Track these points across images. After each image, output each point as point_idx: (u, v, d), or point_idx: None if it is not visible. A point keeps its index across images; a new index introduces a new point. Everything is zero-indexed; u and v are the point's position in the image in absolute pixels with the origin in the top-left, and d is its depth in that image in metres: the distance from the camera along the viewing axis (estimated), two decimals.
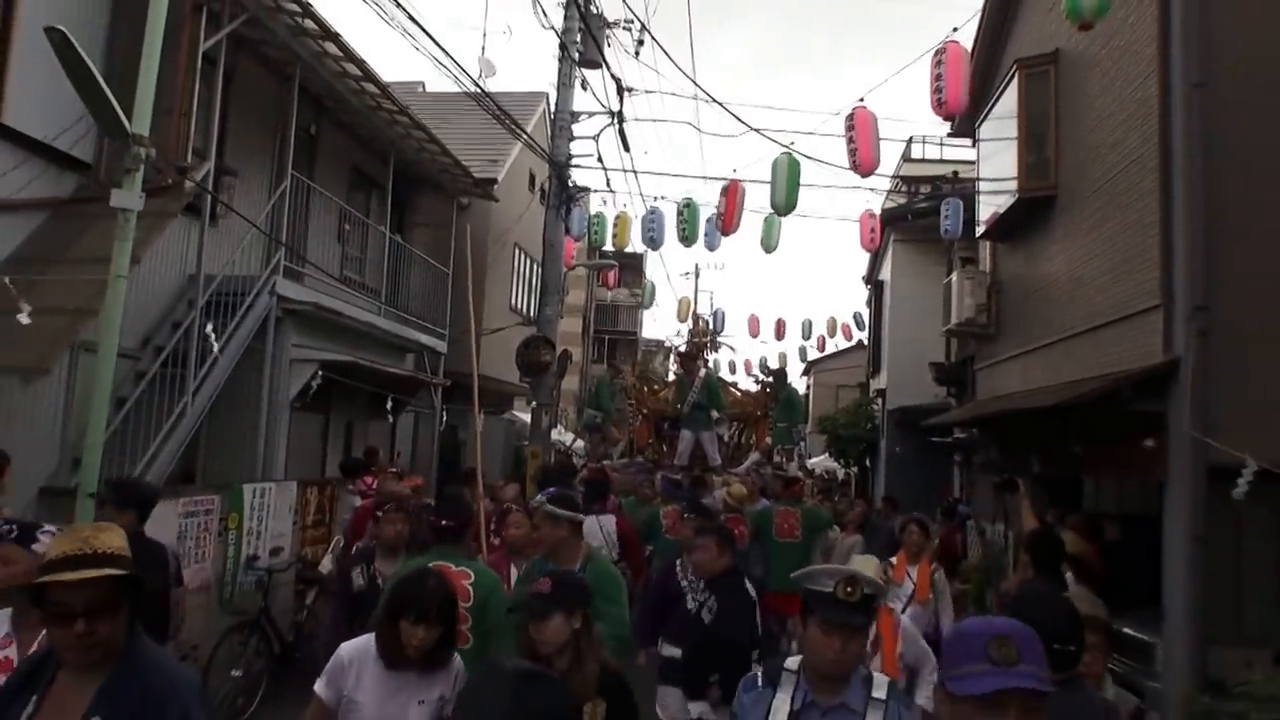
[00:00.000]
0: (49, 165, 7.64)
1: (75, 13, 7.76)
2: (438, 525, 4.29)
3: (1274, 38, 6.21)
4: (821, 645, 2.54)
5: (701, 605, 4.77)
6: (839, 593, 2.54)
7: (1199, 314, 6.01)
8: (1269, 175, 6.08)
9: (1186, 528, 5.85)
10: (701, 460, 12.36)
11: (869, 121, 8.19)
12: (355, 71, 10.36)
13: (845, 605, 2.52)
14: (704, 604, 4.76)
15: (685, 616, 4.89)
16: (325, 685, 3.06)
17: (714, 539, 4.86)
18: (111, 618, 2.18)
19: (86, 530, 2.28)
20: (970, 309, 10.72)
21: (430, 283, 14.05)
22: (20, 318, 5.96)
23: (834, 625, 2.52)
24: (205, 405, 8.28)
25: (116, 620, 2.20)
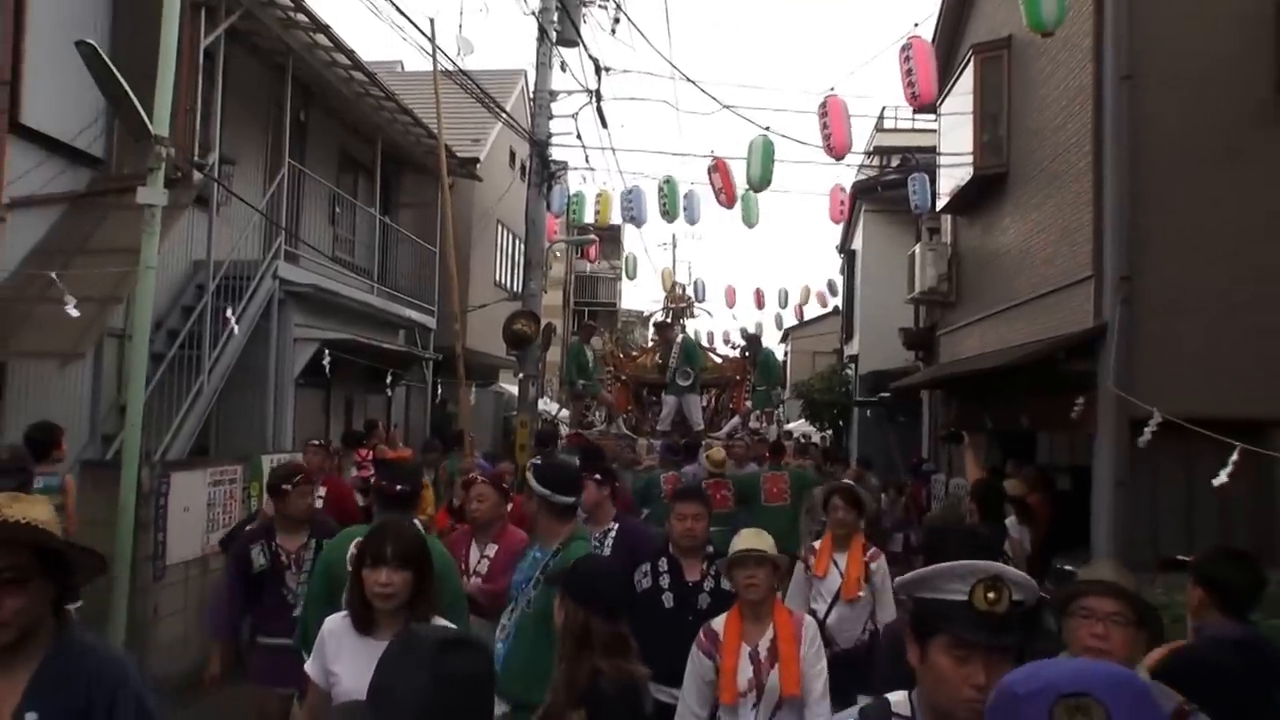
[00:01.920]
0: (63, 161, 8.14)
1: (79, 14, 8.25)
2: (390, 491, 3.96)
3: (1195, 35, 6.86)
4: (954, 679, 1.77)
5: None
6: (979, 601, 1.79)
7: (1124, 283, 6.71)
8: (1188, 159, 6.76)
9: (1110, 472, 6.60)
10: (684, 425, 12.58)
11: (841, 108, 8.79)
12: (344, 61, 10.86)
13: (990, 620, 1.77)
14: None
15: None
16: (312, 663, 2.92)
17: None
18: (22, 594, 1.93)
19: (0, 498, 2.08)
20: (932, 279, 11.43)
21: (417, 261, 14.61)
22: (68, 309, 6.50)
23: (974, 650, 1.76)
24: (220, 384, 8.87)
25: (30, 598, 1.95)
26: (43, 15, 7.71)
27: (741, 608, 3.45)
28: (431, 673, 1.54)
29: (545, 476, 3.86)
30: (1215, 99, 6.78)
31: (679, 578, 4.04)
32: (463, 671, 1.58)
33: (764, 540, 3.48)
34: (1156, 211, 6.75)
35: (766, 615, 3.43)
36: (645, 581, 4.05)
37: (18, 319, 7.25)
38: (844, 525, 4.94)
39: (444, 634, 1.72)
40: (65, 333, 7.13)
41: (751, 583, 3.40)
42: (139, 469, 6.52)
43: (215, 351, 8.81)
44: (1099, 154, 7.02)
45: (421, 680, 1.54)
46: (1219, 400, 6.37)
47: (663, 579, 4.05)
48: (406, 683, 1.56)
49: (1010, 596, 1.81)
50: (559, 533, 3.77)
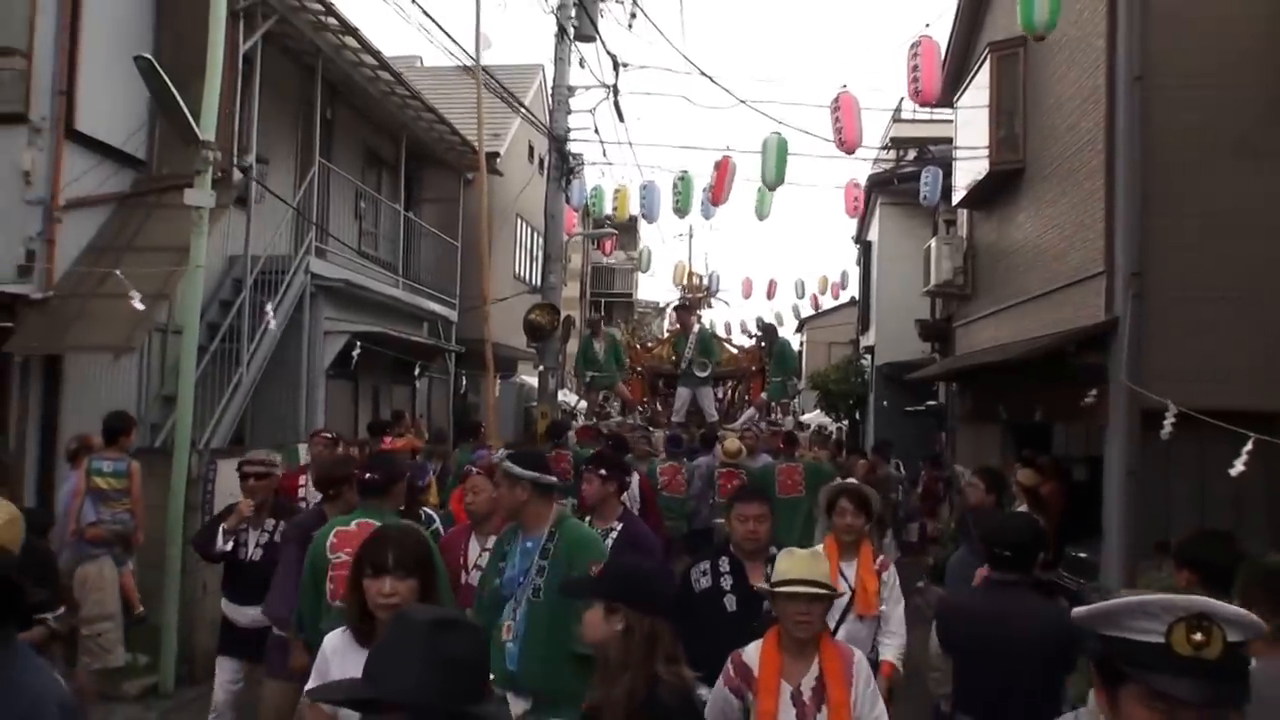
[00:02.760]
0: (111, 164, 8.45)
1: (126, 26, 8.56)
2: (360, 479, 4.06)
3: (1205, 36, 7.05)
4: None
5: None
6: (1180, 644, 1.48)
7: (1135, 279, 6.93)
8: (1199, 157, 6.95)
9: (1121, 463, 6.84)
10: (698, 416, 12.60)
11: (852, 104, 9.02)
12: (371, 61, 11.14)
13: (1197, 668, 1.47)
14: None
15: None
16: (314, 682, 2.71)
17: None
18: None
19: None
20: (948, 272, 11.63)
21: (440, 255, 14.90)
22: (134, 303, 6.82)
23: (1177, 705, 1.47)
24: (257, 375, 9.18)
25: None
26: (94, 29, 8.04)
27: (781, 638, 2.95)
28: (425, 653, 1.54)
29: (526, 461, 3.70)
30: (1226, 98, 6.96)
31: (742, 581, 3.72)
32: (456, 653, 1.56)
33: (818, 568, 2.97)
34: (1167, 208, 6.95)
35: (812, 649, 2.92)
36: (704, 581, 3.80)
37: (73, 315, 7.58)
38: (851, 531, 4.34)
39: (437, 615, 1.67)
40: (118, 327, 7.46)
41: (803, 620, 2.88)
42: (189, 456, 6.88)
43: (253, 344, 9.11)
44: (1111, 152, 7.22)
45: (414, 661, 1.53)
46: (1228, 392, 6.58)
47: (724, 580, 3.78)
48: (400, 665, 1.54)
49: (1224, 638, 1.47)
50: (546, 516, 3.63)
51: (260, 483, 5.00)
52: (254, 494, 4.97)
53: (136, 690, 6.56)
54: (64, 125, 7.79)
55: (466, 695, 1.56)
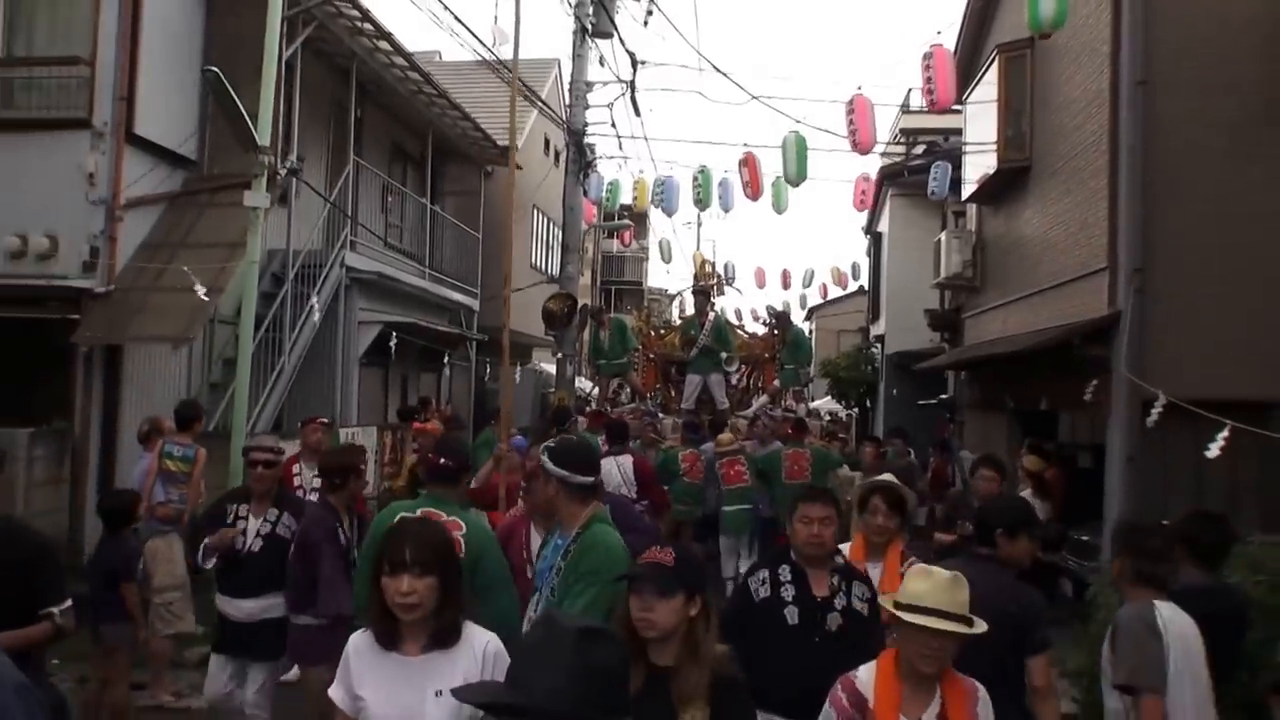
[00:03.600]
0: (166, 165, 8.92)
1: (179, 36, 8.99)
2: (434, 463, 3.95)
3: (1206, 40, 7.42)
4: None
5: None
6: None
7: (1137, 275, 7.33)
8: (1199, 159, 7.34)
9: (1121, 450, 7.27)
10: (709, 404, 12.61)
11: (866, 106, 9.43)
12: (402, 63, 11.59)
13: None
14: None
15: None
16: (337, 687, 2.60)
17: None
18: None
19: None
20: (957, 264, 12.05)
21: (462, 246, 15.35)
22: (200, 295, 7.29)
23: None
24: (298, 363, 9.66)
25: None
26: (151, 38, 8.54)
27: (898, 665, 2.72)
28: (573, 661, 1.54)
29: (562, 456, 3.54)
30: (1225, 101, 7.34)
31: (805, 590, 3.42)
32: (602, 664, 1.57)
33: (957, 595, 2.64)
34: (1168, 208, 7.35)
35: (934, 680, 2.68)
36: (763, 591, 3.47)
37: (134, 307, 8.07)
38: (882, 532, 4.05)
39: (583, 623, 1.67)
40: (177, 318, 7.96)
41: (933, 654, 2.62)
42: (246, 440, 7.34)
43: (294, 334, 9.58)
44: (1115, 153, 7.61)
45: (560, 669, 1.53)
46: (1225, 383, 6.98)
47: (785, 590, 3.43)
48: (545, 672, 1.55)
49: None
50: (579, 516, 3.45)
51: (268, 471, 4.89)
52: (261, 482, 4.88)
53: (196, 658, 7.03)
54: (124, 130, 8.26)
55: (609, 708, 1.56)
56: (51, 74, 8.50)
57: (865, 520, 4.15)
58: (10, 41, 8.57)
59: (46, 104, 8.50)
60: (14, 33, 8.58)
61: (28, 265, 8.13)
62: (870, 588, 3.54)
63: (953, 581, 2.67)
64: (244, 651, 4.71)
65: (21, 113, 8.49)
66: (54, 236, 8.13)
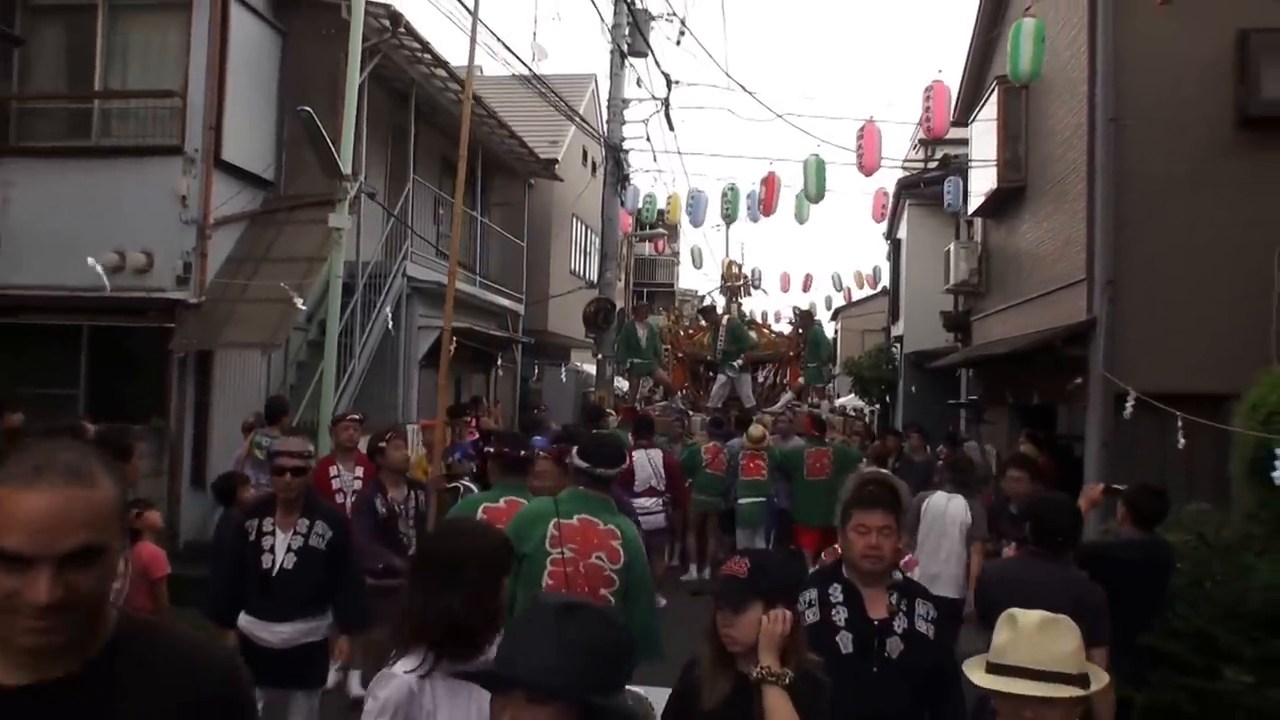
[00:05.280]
0: (250, 188, 10.11)
1: (258, 69, 10.17)
2: (512, 455, 4.28)
3: (1171, 83, 8.33)
4: None
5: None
6: None
7: (1110, 286, 8.29)
8: (1164, 186, 8.29)
9: (1097, 437, 8.23)
10: (737, 402, 13.24)
11: (875, 134, 10.44)
12: (456, 87, 12.70)
13: None
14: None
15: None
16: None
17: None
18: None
19: None
20: (965, 272, 13.01)
21: (507, 254, 16.51)
22: (298, 303, 8.43)
23: None
24: (366, 366, 10.83)
25: None
26: (235, 72, 9.64)
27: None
28: (556, 640, 1.55)
29: (589, 451, 3.78)
30: (1187, 136, 8.28)
31: (859, 613, 3.00)
32: (587, 642, 1.56)
33: (1059, 646, 2.04)
34: (1138, 228, 8.30)
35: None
36: (812, 614, 3.01)
37: (223, 317, 9.22)
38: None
39: (563, 600, 1.70)
40: (264, 327, 9.11)
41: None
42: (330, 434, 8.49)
43: (364, 339, 10.75)
44: (1091, 180, 8.54)
45: (543, 646, 1.55)
46: (1185, 380, 7.91)
47: (836, 613, 3.00)
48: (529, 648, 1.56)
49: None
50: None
51: (296, 479, 4.21)
52: (289, 489, 4.21)
53: None
54: (213, 156, 9.40)
55: (595, 684, 1.54)
56: (147, 105, 9.61)
57: None
58: (109, 76, 9.65)
59: (142, 133, 9.59)
60: (111, 68, 9.65)
61: (127, 279, 9.12)
62: (935, 605, 3.10)
63: (1043, 628, 2.05)
64: (282, 681, 4.14)
65: (120, 140, 9.58)
66: (150, 253, 9.16)
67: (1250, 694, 4.27)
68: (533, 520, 3.65)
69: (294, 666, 4.16)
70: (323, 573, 4.19)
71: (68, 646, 1.36)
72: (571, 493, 3.76)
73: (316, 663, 4.34)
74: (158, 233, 9.14)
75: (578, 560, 3.53)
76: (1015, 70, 8.15)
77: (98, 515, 1.34)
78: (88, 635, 1.40)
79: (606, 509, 3.72)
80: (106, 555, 1.36)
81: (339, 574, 4.23)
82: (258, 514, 4.33)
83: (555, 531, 3.58)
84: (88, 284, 8.88)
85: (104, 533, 1.35)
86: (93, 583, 1.35)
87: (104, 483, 1.37)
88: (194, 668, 1.50)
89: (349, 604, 4.24)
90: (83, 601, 1.34)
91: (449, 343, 8.25)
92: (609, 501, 3.79)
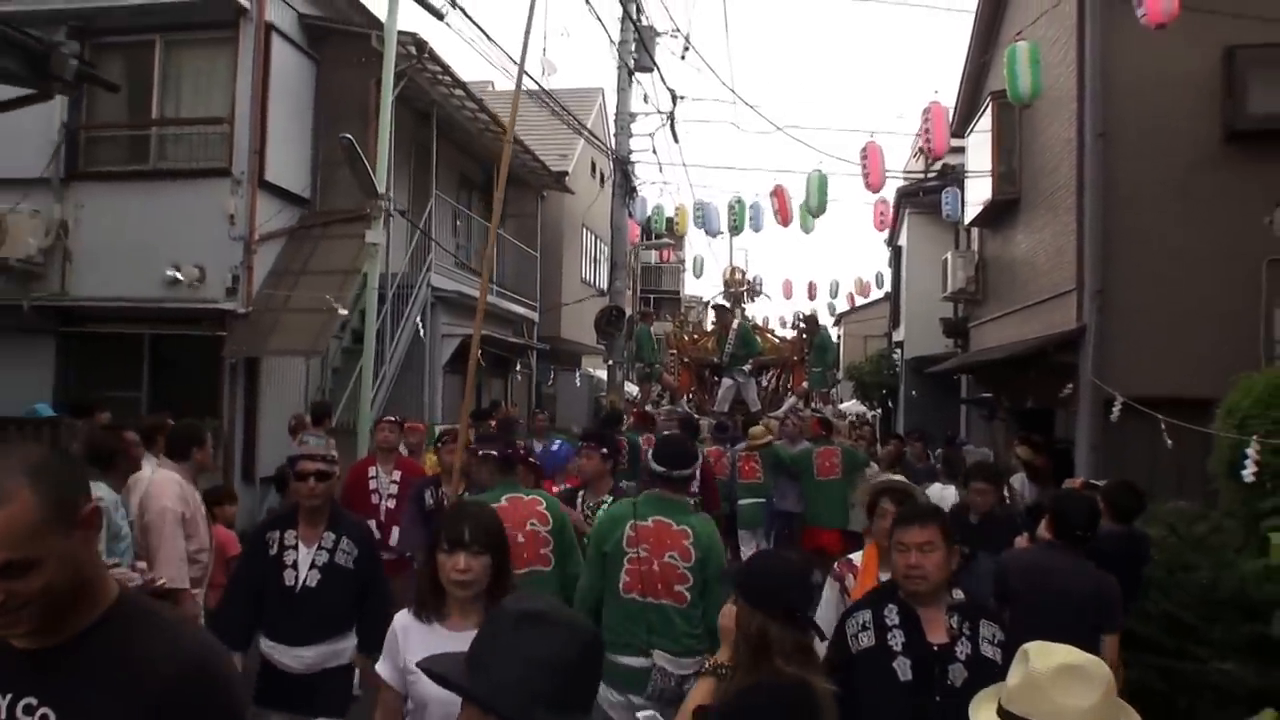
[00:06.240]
0: (291, 206, 10.71)
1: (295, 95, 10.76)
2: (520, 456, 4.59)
3: (1157, 100, 8.89)
4: None
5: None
6: None
7: (1098, 296, 8.85)
8: (1147, 201, 8.85)
9: (1087, 439, 8.79)
10: (742, 406, 13.37)
11: (877, 152, 11.02)
12: (474, 107, 13.32)
13: None
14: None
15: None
16: (384, 663, 2.72)
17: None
18: None
19: None
20: (961, 280, 13.59)
21: (522, 264, 17.10)
22: (339, 311, 9.03)
23: None
24: (395, 371, 11.41)
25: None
26: (276, 99, 10.24)
27: None
28: (509, 650, 1.49)
29: (663, 455, 3.99)
30: (1175, 150, 8.80)
31: (917, 637, 2.82)
32: (538, 653, 1.47)
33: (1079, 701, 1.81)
34: (1126, 240, 8.86)
35: None
36: (865, 639, 2.87)
37: (268, 326, 9.82)
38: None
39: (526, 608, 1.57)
40: (306, 334, 9.70)
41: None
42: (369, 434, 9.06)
43: (393, 346, 11.34)
44: (1081, 194, 9.11)
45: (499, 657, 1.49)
46: (1169, 384, 8.41)
47: (893, 637, 2.83)
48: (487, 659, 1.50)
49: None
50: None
51: (320, 485, 3.84)
52: (312, 496, 3.83)
53: None
54: (258, 177, 10.02)
55: (547, 700, 1.44)
56: (198, 131, 10.32)
57: (875, 524, 3.88)
58: (164, 105, 10.36)
59: (194, 157, 10.27)
60: (167, 97, 10.37)
61: (182, 291, 9.82)
62: (1002, 626, 2.90)
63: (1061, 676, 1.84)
64: (304, 708, 3.85)
65: (174, 164, 10.28)
66: (202, 267, 9.83)
67: (1213, 672, 4.68)
68: (613, 522, 3.93)
69: (317, 692, 3.83)
70: (348, 592, 3.83)
71: (43, 629, 1.51)
72: (648, 496, 3.98)
73: (341, 688, 3.96)
74: (209, 248, 9.79)
75: (652, 559, 3.76)
76: (1015, 93, 8.72)
77: (11, 534, 1.41)
78: (73, 614, 1.54)
79: (680, 510, 3.90)
80: (39, 564, 1.44)
81: (365, 596, 3.85)
82: (278, 526, 3.90)
83: (632, 533, 3.82)
84: (149, 295, 9.69)
85: (24, 547, 1.42)
86: (36, 585, 1.44)
87: (20, 500, 1.43)
88: (159, 658, 1.54)
89: (373, 629, 3.51)
90: (31, 601, 1.45)
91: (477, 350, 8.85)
92: (683, 502, 3.99)
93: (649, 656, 3.69)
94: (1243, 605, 4.80)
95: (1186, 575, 5.28)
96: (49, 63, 4.63)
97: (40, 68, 4.64)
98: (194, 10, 9.77)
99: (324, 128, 10.90)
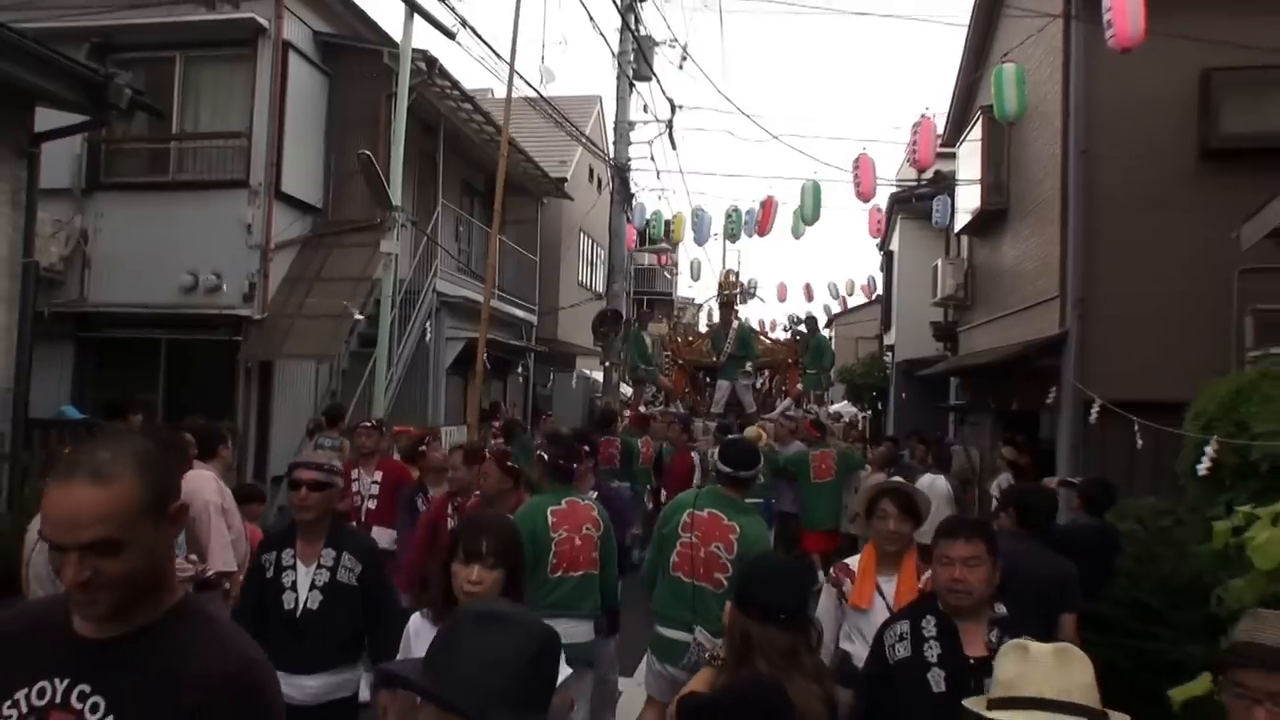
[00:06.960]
0: (305, 216, 11.08)
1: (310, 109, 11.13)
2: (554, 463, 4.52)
3: (1137, 118, 9.32)
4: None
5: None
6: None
7: (1080, 303, 9.29)
8: (1130, 212, 9.27)
9: (1068, 440, 9.22)
10: (737, 407, 13.69)
11: (868, 164, 11.45)
12: (480, 119, 13.70)
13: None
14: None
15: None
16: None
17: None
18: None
19: None
20: (951, 287, 14.03)
21: (521, 268, 17.49)
22: (355, 316, 9.38)
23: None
24: (402, 374, 11.79)
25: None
26: (292, 113, 10.63)
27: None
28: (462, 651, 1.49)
29: (728, 455, 4.37)
30: (1153, 166, 9.23)
31: (954, 650, 2.82)
32: (491, 655, 1.47)
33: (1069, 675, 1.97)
34: (1106, 251, 9.30)
35: None
36: (901, 650, 2.90)
37: (283, 331, 10.19)
38: (895, 540, 3.73)
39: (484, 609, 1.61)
40: (319, 339, 10.08)
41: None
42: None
43: (400, 349, 11.72)
44: (1065, 207, 9.55)
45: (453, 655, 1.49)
46: (1147, 388, 8.82)
47: (929, 649, 2.85)
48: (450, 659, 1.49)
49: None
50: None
51: (312, 495, 3.64)
52: (306, 509, 3.64)
53: None
54: (274, 188, 10.40)
55: (501, 700, 1.44)
56: (216, 145, 10.70)
57: (875, 526, 3.80)
58: (184, 118, 10.74)
59: (212, 168, 10.67)
60: (185, 111, 10.75)
61: (200, 297, 10.23)
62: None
63: (1060, 657, 2.00)
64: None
65: (193, 175, 10.69)
66: (219, 274, 10.23)
67: (1172, 650, 5.06)
68: (676, 508, 4.35)
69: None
70: (354, 613, 3.59)
71: (114, 615, 1.55)
72: (710, 489, 4.40)
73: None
74: (226, 256, 10.17)
75: (700, 546, 4.11)
76: (1001, 112, 9.16)
77: (112, 513, 1.48)
78: (141, 606, 1.58)
79: (735, 507, 4.23)
80: (129, 546, 1.50)
81: (374, 614, 3.64)
82: (275, 546, 3.69)
83: (688, 519, 4.19)
84: (167, 302, 10.06)
85: (121, 528, 1.48)
86: (121, 568, 1.49)
87: (125, 483, 1.50)
88: (210, 662, 1.59)
89: (387, 643, 3.32)
90: (113, 583, 1.50)
91: (483, 354, 9.26)
92: (739, 501, 4.31)
93: (690, 632, 4.04)
94: (1198, 590, 5.19)
95: (1152, 565, 5.69)
96: (106, 92, 4.98)
97: (98, 97, 4.99)
98: (214, 29, 10.17)
99: (337, 140, 11.29)
